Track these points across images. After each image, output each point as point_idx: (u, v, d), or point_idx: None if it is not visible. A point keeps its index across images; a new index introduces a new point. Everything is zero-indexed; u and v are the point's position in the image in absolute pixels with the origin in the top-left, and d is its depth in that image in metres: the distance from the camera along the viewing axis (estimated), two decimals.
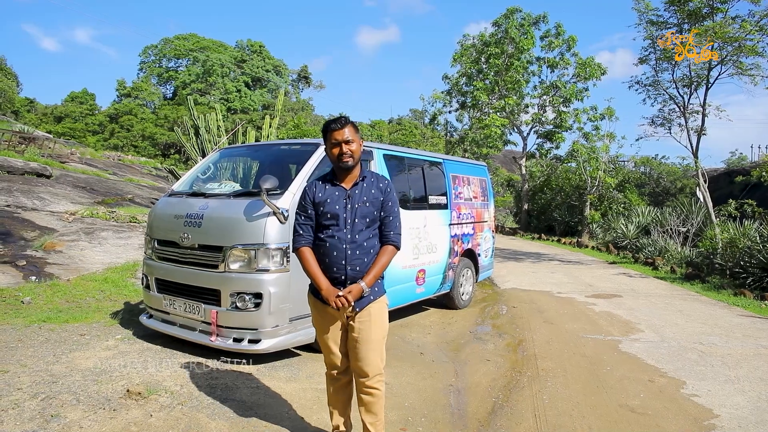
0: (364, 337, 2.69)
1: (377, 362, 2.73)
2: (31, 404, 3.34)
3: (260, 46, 55.09)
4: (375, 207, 2.72)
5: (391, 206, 2.76)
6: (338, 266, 2.65)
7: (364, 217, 2.69)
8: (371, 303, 2.71)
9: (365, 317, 2.70)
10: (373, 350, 2.70)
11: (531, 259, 13.73)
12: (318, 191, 2.75)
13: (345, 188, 2.73)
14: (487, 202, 8.22)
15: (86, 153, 27.77)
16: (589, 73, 21.43)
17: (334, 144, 2.69)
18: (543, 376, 4.50)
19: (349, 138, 2.69)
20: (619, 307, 7.58)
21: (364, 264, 2.67)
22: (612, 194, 22.18)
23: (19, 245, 8.51)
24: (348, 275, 2.65)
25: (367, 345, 2.69)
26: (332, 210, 2.68)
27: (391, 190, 2.78)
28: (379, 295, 2.76)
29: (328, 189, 2.75)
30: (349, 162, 2.69)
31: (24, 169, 14.53)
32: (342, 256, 2.65)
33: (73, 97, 49.95)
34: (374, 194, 2.73)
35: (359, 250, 2.66)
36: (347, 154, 2.68)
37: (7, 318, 5.32)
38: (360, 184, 2.75)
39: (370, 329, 2.70)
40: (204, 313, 4.39)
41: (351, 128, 2.72)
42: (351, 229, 2.67)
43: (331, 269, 2.67)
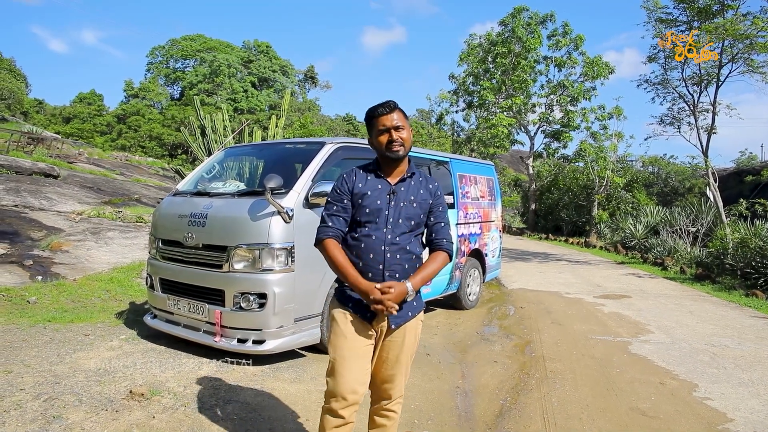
0: (392, 359, 2.35)
1: (400, 386, 2.42)
2: (34, 405, 3.31)
3: (267, 47, 55.20)
4: (422, 209, 2.38)
5: (442, 211, 2.44)
6: (374, 271, 2.27)
7: (408, 219, 2.34)
8: (409, 321, 2.35)
9: (398, 337, 2.35)
10: (401, 373, 2.39)
11: (538, 260, 13.63)
12: (359, 181, 2.38)
13: (390, 182, 2.37)
14: (495, 201, 8.14)
15: (94, 153, 27.92)
16: (596, 72, 21.29)
17: (382, 131, 2.34)
18: (551, 378, 4.43)
19: (399, 124, 2.34)
20: (629, 307, 7.48)
21: (404, 271, 2.29)
22: (620, 194, 22.03)
23: (26, 245, 8.53)
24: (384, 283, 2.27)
25: (397, 368, 2.37)
26: (373, 205, 2.32)
27: (441, 194, 2.47)
28: (418, 310, 2.42)
29: (370, 180, 2.38)
30: (400, 151, 2.32)
31: (32, 170, 14.60)
32: (380, 260, 2.27)
33: (82, 98, 50.29)
34: (423, 195, 2.39)
35: (400, 253, 2.29)
36: (398, 142, 2.32)
37: (12, 318, 5.31)
38: (408, 180, 2.40)
39: (403, 349, 2.36)
40: (208, 314, 4.35)
41: (400, 113, 2.38)
42: (392, 229, 2.30)
43: (365, 274, 2.27)
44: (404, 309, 2.30)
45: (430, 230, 2.42)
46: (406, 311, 2.31)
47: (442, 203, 2.45)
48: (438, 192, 2.45)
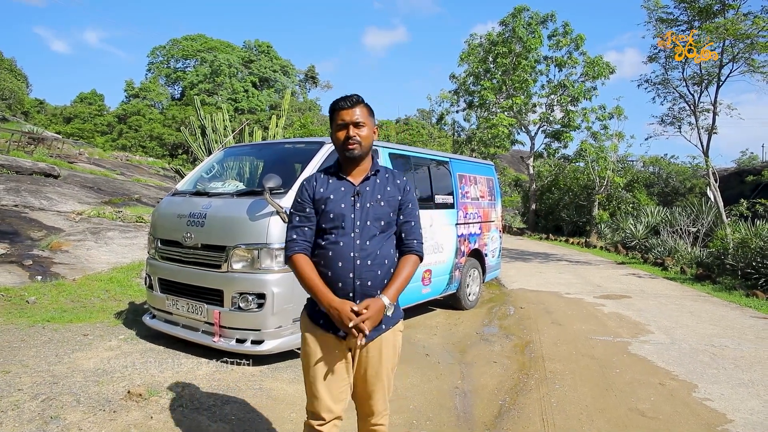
0: (370, 375, 2.17)
1: (383, 401, 2.24)
2: (31, 405, 3.31)
3: (268, 47, 55.21)
4: (391, 207, 2.19)
5: (411, 209, 2.25)
6: (344, 281, 2.09)
7: (377, 220, 2.15)
8: (384, 333, 2.18)
9: (374, 350, 2.17)
10: (380, 389, 2.20)
11: (539, 260, 13.61)
12: (319, 185, 2.20)
13: (353, 183, 2.19)
14: (494, 201, 8.14)
15: (94, 153, 27.93)
16: (597, 72, 21.22)
17: (340, 126, 2.16)
18: (551, 379, 4.42)
19: (359, 120, 2.15)
20: (629, 308, 7.47)
21: (377, 278, 2.12)
22: (621, 194, 22.00)
23: (26, 245, 8.53)
24: (357, 292, 2.10)
25: (376, 383, 2.18)
26: (336, 209, 2.14)
27: (410, 190, 2.27)
28: (394, 321, 2.22)
29: (332, 183, 2.20)
30: (356, 150, 2.14)
31: (32, 170, 14.60)
32: (349, 268, 2.09)
33: (82, 98, 50.31)
34: (390, 192, 2.20)
35: (371, 259, 2.11)
36: (354, 140, 2.13)
37: (11, 318, 5.31)
38: (372, 179, 2.22)
39: (381, 363, 2.17)
40: (207, 314, 4.34)
41: (363, 109, 2.19)
42: (360, 233, 2.12)
43: (334, 285, 2.10)
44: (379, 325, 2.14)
45: (400, 230, 2.23)
46: (380, 324, 2.14)
47: (412, 200, 2.27)
48: (407, 187, 2.26)
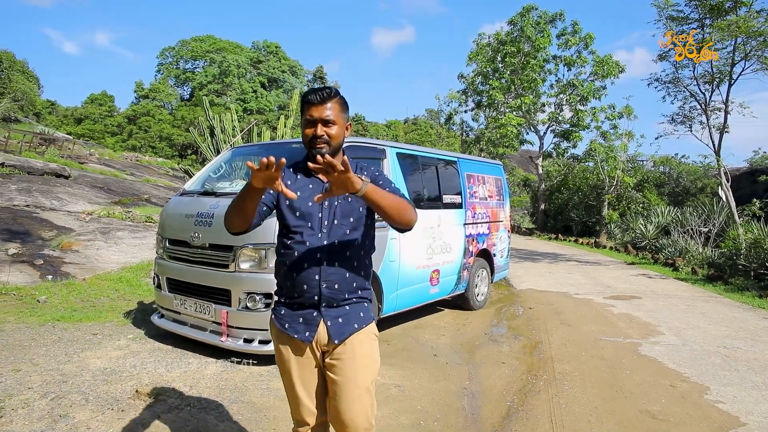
0: (345, 381, 1.99)
1: (364, 414, 2.00)
2: (41, 404, 3.33)
3: (276, 47, 55.42)
4: (360, 202, 2.00)
5: (385, 183, 2.02)
6: (309, 283, 1.96)
7: (346, 217, 2.00)
8: (355, 333, 2.01)
9: (347, 353, 2.00)
10: (358, 399, 1.99)
11: (548, 260, 13.54)
12: (286, 179, 2.04)
13: (321, 180, 2.03)
14: (503, 201, 8.09)
15: (105, 154, 28.15)
16: (606, 71, 21.08)
17: (309, 122, 1.98)
18: (560, 380, 4.38)
19: (329, 117, 1.96)
20: (639, 308, 7.40)
21: (345, 279, 1.99)
22: (630, 194, 21.84)
23: (37, 245, 8.60)
24: (323, 296, 1.96)
25: (351, 391, 1.98)
26: (303, 207, 1.99)
27: (381, 173, 2.07)
28: (366, 321, 2.06)
29: (300, 179, 2.06)
30: (323, 149, 1.94)
31: (43, 170, 14.74)
32: (315, 270, 1.96)
33: (93, 99, 50.74)
34: None
35: (339, 261, 1.98)
36: (322, 139, 1.96)
37: (22, 317, 5.35)
38: None
39: (355, 369, 1.99)
40: (214, 313, 4.35)
41: (335, 104, 1.99)
42: (328, 233, 1.98)
43: (299, 287, 1.97)
44: (347, 322, 2.01)
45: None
46: (351, 323, 2.01)
47: (384, 179, 2.04)
48: (376, 172, 2.06)
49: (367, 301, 2.10)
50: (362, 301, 2.08)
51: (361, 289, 2.06)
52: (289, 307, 2.04)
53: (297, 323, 2.02)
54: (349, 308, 2.02)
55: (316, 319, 1.99)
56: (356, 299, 2.05)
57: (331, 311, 2.00)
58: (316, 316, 1.99)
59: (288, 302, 2.05)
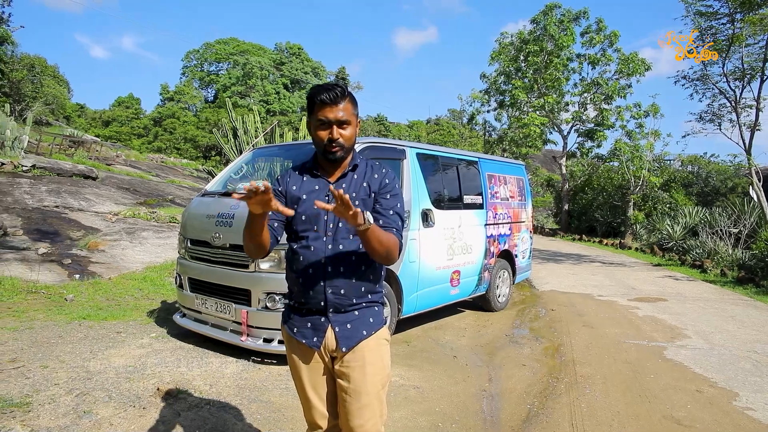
0: (355, 388, 1.94)
1: (373, 422, 1.97)
2: (66, 400, 3.40)
3: (299, 49, 55.86)
4: (367, 206, 1.95)
5: (390, 199, 1.97)
6: (315, 288, 1.92)
7: None
8: (364, 339, 1.96)
9: (356, 360, 1.95)
10: (368, 406, 1.95)
11: (571, 261, 13.35)
12: (293, 183, 2.01)
13: (328, 181, 1.99)
14: (525, 201, 8.00)
15: (131, 155, 28.73)
16: (632, 69, 20.69)
17: (322, 123, 1.90)
18: (581, 383, 4.30)
19: (344, 118, 1.90)
20: (664, 311, 7.24)
21: (352, 286, 1.93)
22: (657, 194, 21.40)
23: (65, 244, 8.82)
24: (329, 301, 1.92)
25: (360, 399, 1.95)
26: (309, 210, 1.93)
27: (392, 180, 2.00)
28: (376, 327, 2.00)
29: (306, 181, 2.00)
30: (338, 153, 1.92)
31: (72, 171, 15.10)
32: (320, 275, 1.91)
33: (120, 102, 51.85)
34: (365, 189, 1.97)
35: (344, 265, 1.92)
36: (338, 143, 1.91)
37: (51, 315, 5.49)
38: (349, 175, 2.00)
39: (365, 377, 1.95)
40: (235, 313, 4.39)
41: (348, 104, 1.93)
42: (333, 237, 1.92)
43: (305, 293, 1.94)
44: (356, 328, 1.96)
45: (374, 218, 1.89)
46: (359, 329, 1.96)
47: (391, 190, 1.98)
48: (386, 179, 1.99)
49: (377, 305, 2.04)
50: (372, 305, 2.01)
51: (370, 293, 2.00)
52: (298, 312, 2.01)
53: (305, 328, 1.98)
54: (358, 313, 1.97)
55: (324, 325, 1.95)
56: (366, 304, 1.99)
57: (339, 317, 1.95)
58: (323, 322, 1.95)
59: (297, 307, 2.02)
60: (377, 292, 2.03)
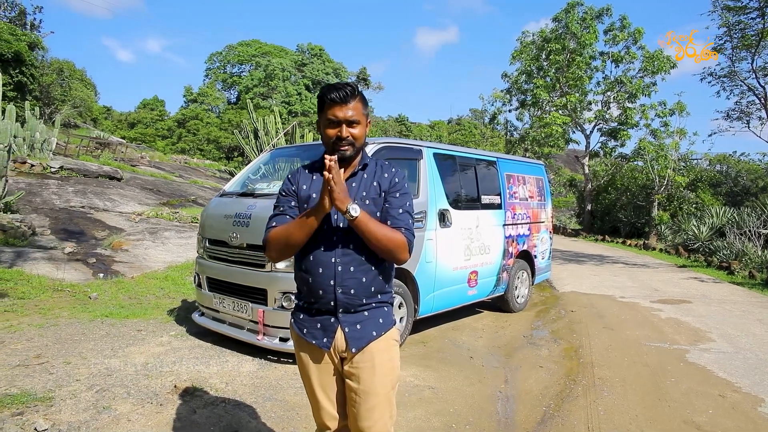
0: (365, 389, 1.94)
1: (383, 423, 1.96)
2: (87, 395, 3.48)
3: (320, 50, 56.11)
4: (377, 206, 1.94)
5: (399, 198, 1.96)
6: (324, 288, 1.90)
7: None
8: (374, 341, 1.96)
9: (366, 361, 1.94)
10: (377, 407, 1.95)
11: (593, 262, 13.15)
12: (303, 182, 2.01)
13: None
14: (544, 201, 7.92)
15: (155, 156, 29.23)
16: (657, 66, 20.31)
17: (332, 122, 1.91)
18: (599, 386, 4.24)
19: (353, 117, 1.91)
20: (688, 313, 7.08)
21: (361, 285, 1.91)
22: (682, 194, 20.97)
23: (90, 244, 9.02)
24: (339, 301, 1.91)
25: (370, 400, 1.94)
26: None
27: (401, 180, 2.00)
28: (386, 327, 1.99)
29: (315, 180, 1.99)
30: (348, 152, 1.92)
31: (98, 173, 15.44)
32: (330, 274, 1.90)
33: (145, 104, 52.74)
34: (375, 189, 1.96)
35: (354, 265, 1.91)
36: (347, 141, 1.91)
37: (75, 312, 5.61)
38: (359, 174, 1.99)
39: (374, 378, 1.94)
40: (251, 312, 4.44)
41: (358, 103, 1.93)
42: (343, 236, 1.90)
43: (315, 293, 1.92)
44: (365, 328, 1.95)
45: (384, 218, 1.93)
46: (369, 330, 1.95)
47: (402, 190, 1.98)
48: (396, 178, 1.99)
49: (387, 306, 2.02)
50: (382, 306, 2.00)
51: (380, 293, 1.99)
52: (308, 312, 2.00)
53: (315, 329, 1.97)
54: (367, 314, 1.96)
55: (334, 326, 1.94)
56: (375, 304, 1.98)
57: (349, 317, 1.94)
58: (333, 323, 1.94)
59: (306, 307, 2.01)
60: (387, 292, 2.02)
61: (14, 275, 6.66)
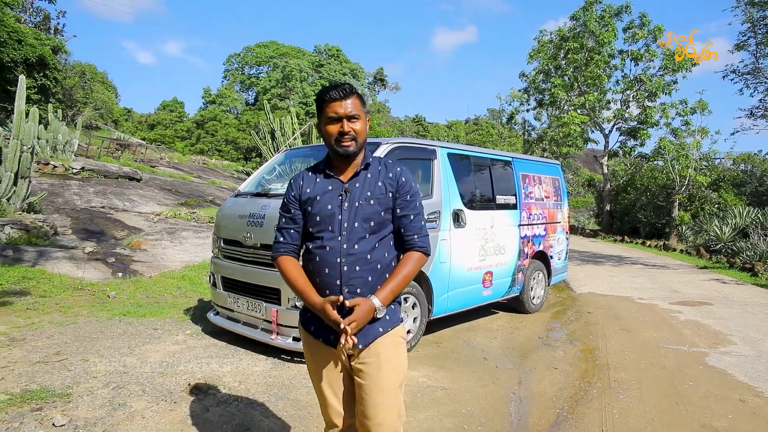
0: (371, 385, 1.95)
1: (391, 420, 1.96)
2: (103, 392, 3.54)
3: (337, 50, 56.29)
4: (382, 206, 1.98)
5: (410, 201, 2.01)
6: (331, 288, 1.94)
7: (366, 220, 1.96)
8: (381, 336, 1.97)
9: (372, 357, 1.96)
10: (383, 404, 1.95)
11: (611, 263, 12.98)
12: (306, 185, 2.05)
13: (341, 181, 2.01)
14: (560, 202, 7.83)
15: (174, 157, 29.62)
16: (677, 64, 19.95)
17: (332, 119, 1.95)
18: (615, 388, 4.18)
19: (353, 112, 1.95)
20: (709, 315, 6.95)
21: (367, 284, 1.94)
22: (704, 194, 20.58)
23: (110, 243, 9.17)
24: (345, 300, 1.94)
25: (376, 396, 1.95)
26: (324, 210, 1.98)
27: (408, 180, 2.03)
28: (392, 324, 2.01)
29: (319, 182, 2.04)
30: (350, 147, 1.96)
31: (118, 173, 15.69)
32: (335, 275, 1.93)
33: (165, 106, 53.47)
34: (380, 188, 1.99)
35: (359, 264, 1.94)
36: (349, 136, 1.94)
37: (94, 311, 5.71)
38: (362, 174, 2.02)
39: (380, 374, 1.95)
40: (265, 312, 4.47)
41: (356, 100, 1.97)
42: (348, 236, 1.94)
43: (321, 292, 1.95)
44: (372, 325, 1.96)
45: (397, 225, 2.01)
46: (375, 327, 1.96)
47: (411, 190, 2.03)
48: (402, 178, 2.03)
49: (393, 303, 2.02)
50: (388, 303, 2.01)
51: None
52: None
53: (322, 326, 1.99)
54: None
55: None
56: None
57: None
58: None
59: None
60: None
61: (37, 274, 6.80)
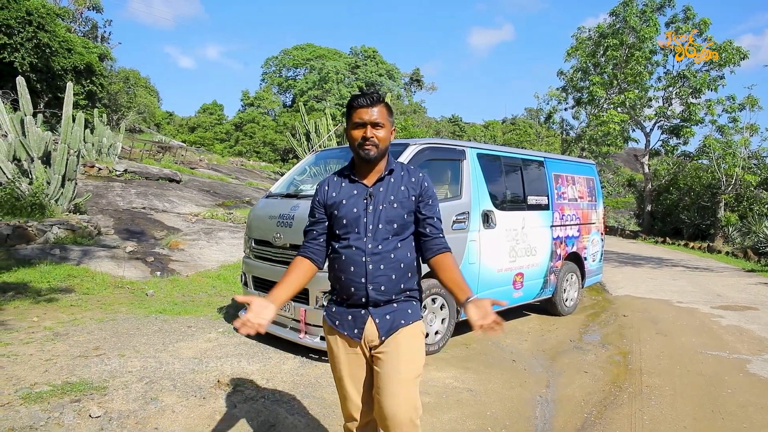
0: (390, 372, 2.03)
1: (407, 408, 2.01)
2: (137, 386, 3.67)
3: (374, 52, 56.57)
4: (405, 209, 2.08)
5: (432, 205, 2.13)
6: (357, 285, 2.04)
7: (390, 222, 2.06)
8: (401, 327, 2.07)
9: (391, 345, 2.05)
10: (399, 391, 2.01)
11: (651, 265, 12.60)
12: (332, 190, 2.15)
13: (366, 185, 2.11)
14: (595, 202, 7.66)
15: (213, 159, 30.35)
16: (725, 59, 19.18)
17: (357, 124, 2.05)
18: (647, 394, 4.07)
19: (378, 120, 2.04)
20: (753, 321, 6.67)
21: (390, 282, 2.04)
22: (754, 193, 19.73)
23: (149, 243, 9.48)
24: (370, 297, 2.03)
25: (393, 384, 2.01)
26: (350, 214, 2.08)
27: (429, 185, 2.15)
28: (413, 318, 2.10)
29: (344, 187, 2.14)
30: (372, 152, 2.04)
31: (159, 175, 16.20)
32: (361, 272, 2.03)
33: (205, 109, 54.88)
34: (403, 192, 2.10)
35: (384, 263, 2.04)
36: (371, 141, 2.03)
37: (132, 308, 5.93)
38: (386, 179, 2.12)
39: (399, 363, 2.04)
40: (293, 311, 4.54)
41: (383, 108, 2.07)
42: (373, 237, 2.04)
43: (347, 289, 2.05)
44: (394, 318, 2.07)
45: (422, 227, 2.12)
46: (398, 320, 2.06)
47: (432, 195, 2.15)
48: (425, 183, 2.14)
49: (415, 300, 2.14)
50: (410, 300, 2.12)
51: (408, 290, 2.11)
52: (340, 305, 2.13)
53: (346, 320, 2.10)
54: (396, 306, 2.08)
55: (364, 317, 2.06)
56: (404, 298, 2.10)
57: (379, 309, 2.06)
58: (364, 314, 2.06)
59: (339, 301, 2.14)
60: (414, 289, 2.15)
61: (81, 272, 7.10)
